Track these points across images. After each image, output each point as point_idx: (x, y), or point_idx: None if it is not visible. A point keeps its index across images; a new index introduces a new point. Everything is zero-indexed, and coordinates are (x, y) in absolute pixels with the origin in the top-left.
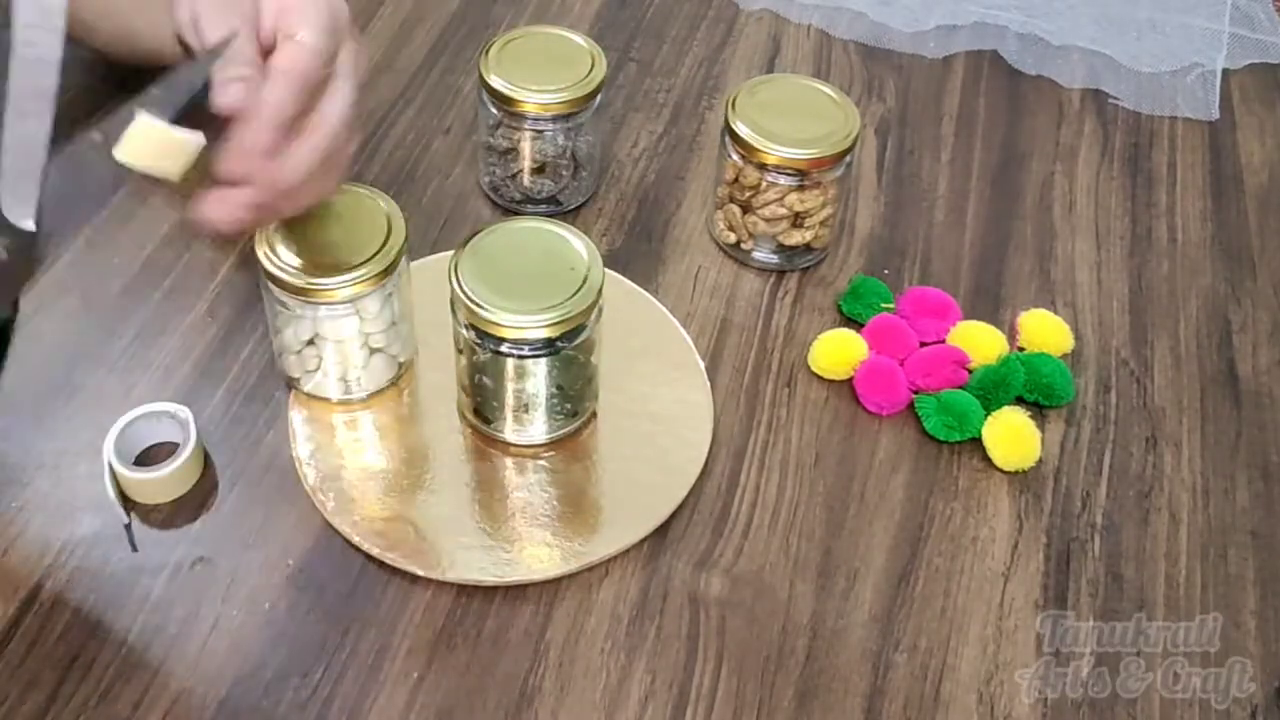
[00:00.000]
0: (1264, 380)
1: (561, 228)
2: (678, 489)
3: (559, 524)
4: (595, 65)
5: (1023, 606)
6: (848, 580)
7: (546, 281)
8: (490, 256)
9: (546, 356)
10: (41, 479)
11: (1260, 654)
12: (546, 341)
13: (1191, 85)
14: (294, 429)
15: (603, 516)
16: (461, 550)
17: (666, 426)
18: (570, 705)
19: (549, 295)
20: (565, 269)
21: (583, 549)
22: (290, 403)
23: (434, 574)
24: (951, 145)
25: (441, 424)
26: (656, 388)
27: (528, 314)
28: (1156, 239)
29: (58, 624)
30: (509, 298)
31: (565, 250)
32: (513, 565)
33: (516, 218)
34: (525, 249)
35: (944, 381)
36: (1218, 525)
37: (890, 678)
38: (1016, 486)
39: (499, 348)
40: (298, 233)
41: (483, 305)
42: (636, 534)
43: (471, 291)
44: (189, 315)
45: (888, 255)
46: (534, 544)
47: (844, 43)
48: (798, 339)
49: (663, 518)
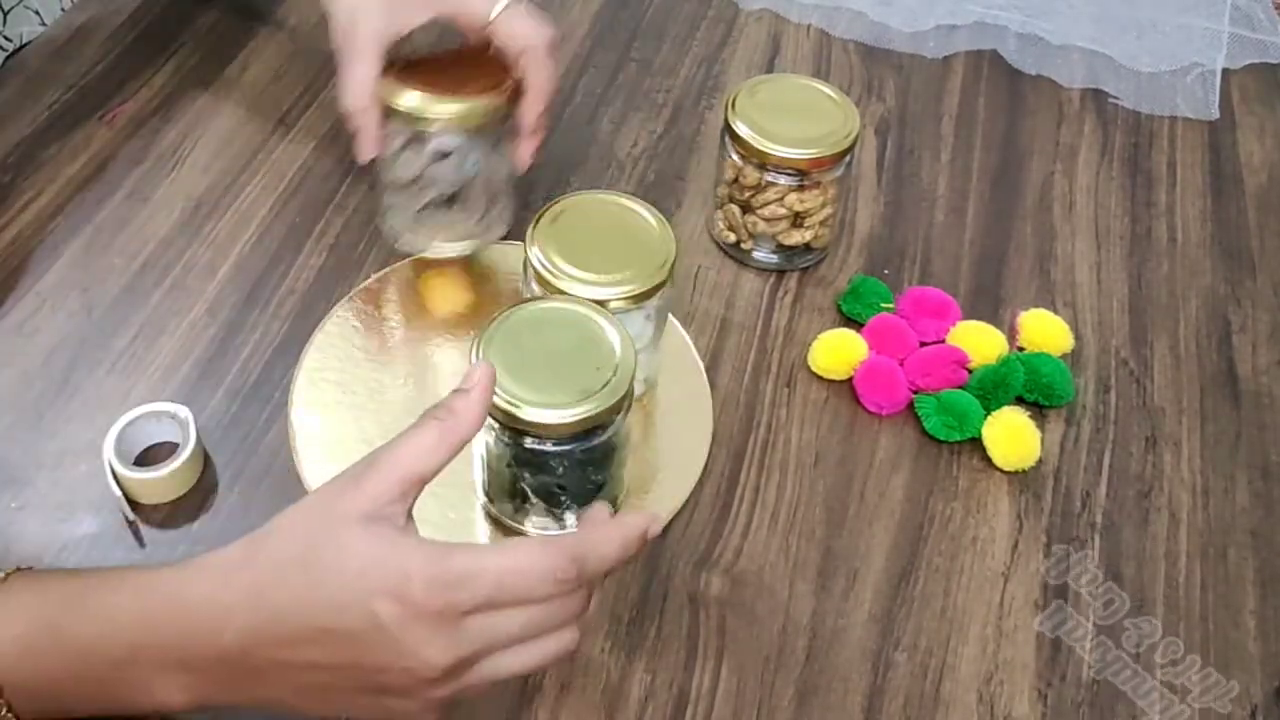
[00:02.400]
0: (1264, 380)
1: (594, 311)
2: (678, 489)
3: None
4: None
5: (1023, 606)
6: (848, 580)
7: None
8: (513, 339)
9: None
10: (41, 479)
11: (1260, 654)
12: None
13: (1191, 85)
14: (294, 429)
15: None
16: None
17: (666, 426)
18: (570, 705)
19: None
20: (592, 368)
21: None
22: (291, 402)
23: None
24: (951, 145)
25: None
26: (656, 388)
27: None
28: (1156, 239)
29: None
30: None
31: (597, 339)
32: None
33: (545, 299)
34: (552, 334)
35: (944, 381)
36: (1218, 525)
37: (890, 677)
38: (1016, 486)
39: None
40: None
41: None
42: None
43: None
44: (189, 315)
45: (888, 255)
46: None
47: (844, 42)
48: (798, 339)
49: (666, 517)
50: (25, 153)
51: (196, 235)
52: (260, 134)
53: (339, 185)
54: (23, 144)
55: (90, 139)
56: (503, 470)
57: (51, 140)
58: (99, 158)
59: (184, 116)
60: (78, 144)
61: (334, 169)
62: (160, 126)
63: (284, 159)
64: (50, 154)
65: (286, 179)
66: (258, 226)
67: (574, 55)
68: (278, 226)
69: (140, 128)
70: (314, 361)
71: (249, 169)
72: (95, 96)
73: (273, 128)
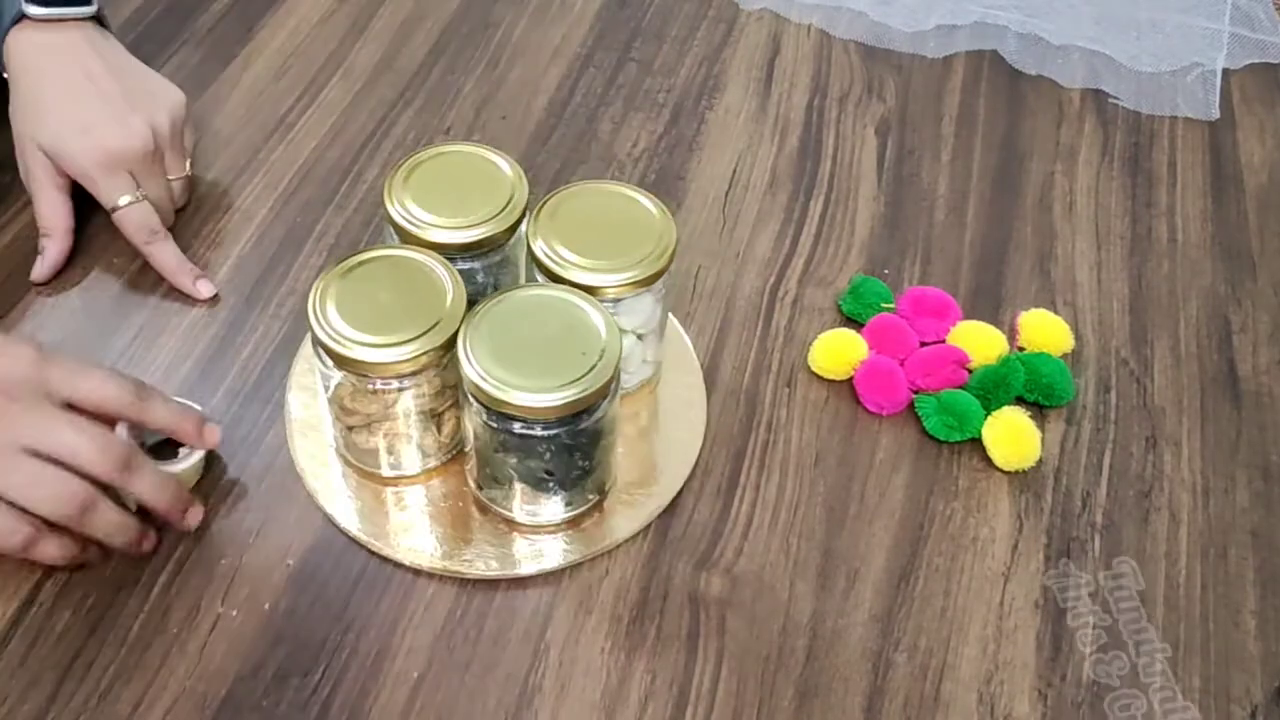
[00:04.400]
0: (1264, 380)
1: (577, 296)
2: (669, 486)
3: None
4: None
5: (1023, 606)
6: (848, 580)
7: (560, 359)
8: (501, 326)
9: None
10: None
11: (1260, 654)
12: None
13: (1191, 85)
14: (293, 429)
15: (604, 514)
16: (464, 547)
17: (665, 426)
18: (570, 705)
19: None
20: (578, 353)
21: (583, 544)
22: (289, 403)
23: (435, 568)
24: (951, 145)
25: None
26: (656, 387)
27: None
28: (1156, 239)
29: (58, 624)
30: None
31: (583, 324)
32: (514, 560)
33: (532, 286)
34: (539, 320)
35: (944, 381)
36: (1218, 525)
37: (890, 678)
38: (1016, 486)
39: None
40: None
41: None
42: (634, 528)
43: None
44: (189, 315)
45: (888, 255)
46: (536, 541)
47: (844, 42)
48: (798, 339)
49: (655, 512)
50: None
51: (197, 235)
52: (260, 134)
53: (339, 185)
54: None
55: None
56: (491, 456)
57: None
58: None
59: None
60: None
61: (334, 169)
62: None
63: (284, 159)
64: None
65: (286, 179)
66: (258, 226)
67: (574, 55)
68: (278, 226)
69: None
70: (309, 363)
71: (249, 169)
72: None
73: (273, 128)
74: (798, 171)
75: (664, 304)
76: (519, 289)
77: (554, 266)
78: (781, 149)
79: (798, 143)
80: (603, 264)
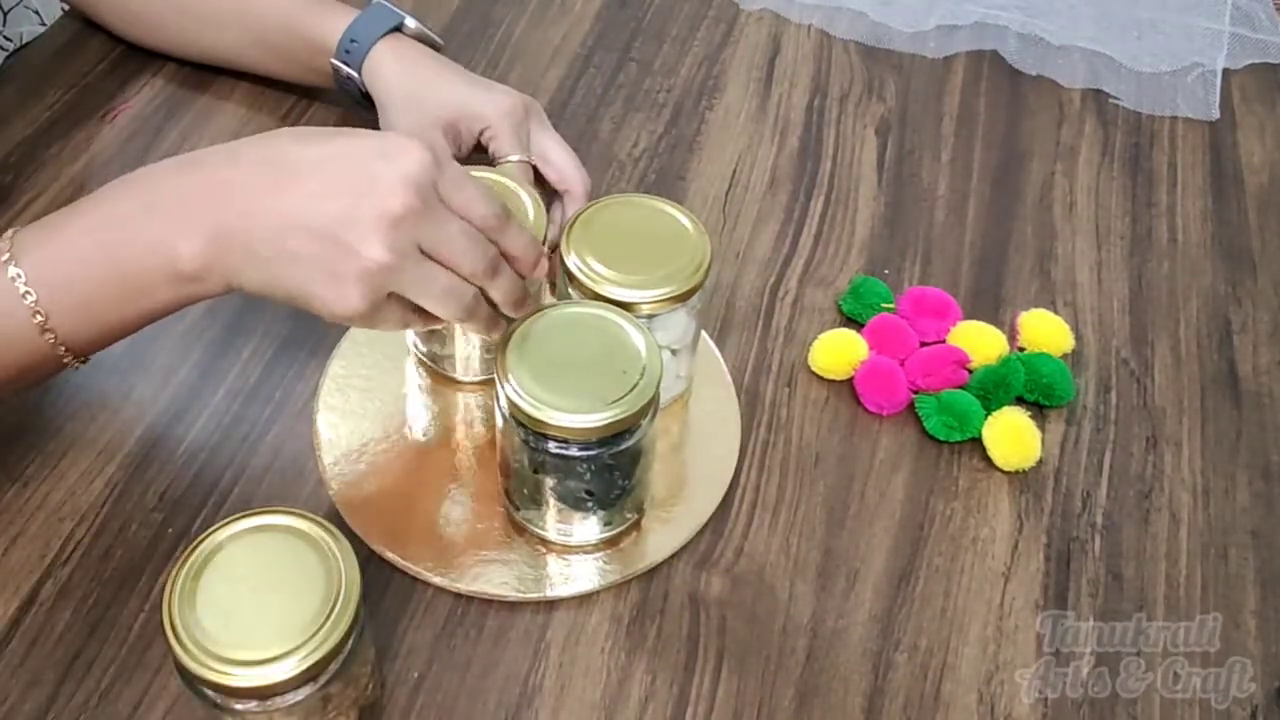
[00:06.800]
0: (1264, 380)
1: (618, 315)
2: (707, 500)
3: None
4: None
5: (1023, 606)
6: (848, 580)
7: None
8: (538, 344)
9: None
10: (42, 479)
11: (1260, 654)
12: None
13: (1192, 85)
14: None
15: (642, 532)
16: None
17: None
18: (570, 705)
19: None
20: (619, 371)
21: (621, 564)
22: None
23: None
24: (951, 145)
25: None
26: (688, 402)
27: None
28: (1156, 239)
29: (58, 624)
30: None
31: (622, 342)
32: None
33: (570, 303)
34: (578, 339)
35: (944, 381)
36: (1218, 525)
37: (890, 678)
38: (1016, 486)
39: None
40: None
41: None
42: (674, 546)
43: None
44: (189, 315)
45: (888, 255)
46: (571, 562)
47: (844, 43)
48: (798, 339)
49: (695, 530)
50: (26, 152)
51: None
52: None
53: None
54: (24, 143)
55: (91, 138)
56: (528, 476)
57: (53, 140)
58: (100, 157)
59: (185, 116)
60: (79, 143)
61: None
62: (162, 126)
63: None
64: (52, 153)
65: None
66: None
67: (574, 55)
68: None
69: (142, 127)
70: (339, 368)
71: None
72: (97, 96)
73: (273, 128)
74: (798, 171)
75: (698, 319)
76: (555, 306)
77: (588, 282)
78: (781, 149)
79: (798, 143)
80: (638, 279)
